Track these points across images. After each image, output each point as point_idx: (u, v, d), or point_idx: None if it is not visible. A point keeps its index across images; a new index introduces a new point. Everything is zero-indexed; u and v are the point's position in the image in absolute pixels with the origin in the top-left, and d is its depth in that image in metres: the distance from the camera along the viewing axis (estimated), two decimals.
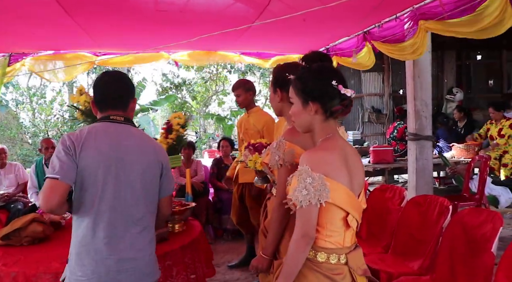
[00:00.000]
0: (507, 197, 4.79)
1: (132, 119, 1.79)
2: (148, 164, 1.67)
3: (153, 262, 1.70)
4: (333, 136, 1.46)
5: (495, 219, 2.18)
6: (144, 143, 1.71)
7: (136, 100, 1.82)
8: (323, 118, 1.46)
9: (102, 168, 1.58)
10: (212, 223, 4.80)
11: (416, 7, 3.21)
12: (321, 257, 1.41)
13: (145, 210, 1.65)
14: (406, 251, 2.75)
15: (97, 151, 1.59)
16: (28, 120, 11.18)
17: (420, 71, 4.00)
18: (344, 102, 1.44)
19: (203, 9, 3.13)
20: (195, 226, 2.74)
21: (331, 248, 1.41)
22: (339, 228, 1.41)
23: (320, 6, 2.67)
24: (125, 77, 1.79)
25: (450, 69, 8.49)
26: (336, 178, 1.37)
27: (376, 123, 8.15)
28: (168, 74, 12.63)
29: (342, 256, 1.42)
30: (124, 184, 1.61)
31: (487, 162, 4.49)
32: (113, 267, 1.56)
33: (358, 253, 1.49)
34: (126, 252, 1.59)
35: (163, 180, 1.73)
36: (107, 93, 1.72)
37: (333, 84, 1.42)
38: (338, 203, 1.37)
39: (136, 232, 1.62)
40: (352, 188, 1.42)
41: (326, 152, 1.42)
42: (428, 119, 4.07)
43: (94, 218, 1.57)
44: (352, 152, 1.49)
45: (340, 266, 1.41)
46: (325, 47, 4.87)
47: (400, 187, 3.26)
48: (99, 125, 1.68)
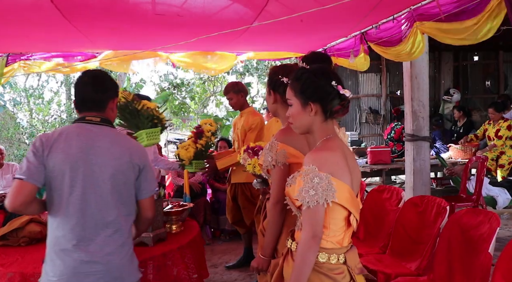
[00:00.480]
0: (504, 197, 4.81)
1: (111, 120, 1.76)
2: (120, 166, 1.63)
3: (126, 266, 1.66)
4: (332, 137, 1.47)
5: (492, 220, 2.19)
6: (118, 145, 1.66)
7: (116, 100, 1.78)
8: (323, 119, 1.47)
9: (69, 170, 1.58)
10: (209, 224, 4.79)
11: (413, 8, 3.22)
12: (322, 257, 1.41)
13: (116, 212, 1.62)
14: (403, 251, 2.76)
15: (65, 152, 1.59)
16: (26, 121, 11.15)
17: (418, 72, 4.02)
18: (343, 102, 1.46)
19: (200, 12, 3.13)
20: (193, 227, 2.74)
21: (331, 248, 1.42)
22: (340, 227, 1.43)
23: (317, 7, 2.68)
24: (103, 77, 1.75)
25: (447, 70, 8.51)
26: (341, 178, 1.38)
27: (374, 124, 8.16)
28: (166, 75, 12.62)
29: (341, 255, 1.44)
30: (93, 186, 1.59)
31: (484, 162, 4.51)
32: (81, 269, 1.56)
33: (354, 252, 1.50)
34: (95, 254, 1.57)
35: (141, 182, 1.70)
36: (83, 94, 1.71)
37: (333, 84, 1.43)
38: (343, 202, 1.38)
39: (106, 234, 1.60)
40: (352, 187, 1.43)
41: (331, 152, 1.42)
42: (425, 120, 4.09)
43: (63, 219, 1.59)
44: (349, 153, 1.51)
45: (340, 266, 1.43)
46: (322, 48, 4.89)
47: (398, 188, 3.26)
48: (73, 126, 1.68)
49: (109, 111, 1.74)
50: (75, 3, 2.82)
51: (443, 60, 8.43)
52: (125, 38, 3.94)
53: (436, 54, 8.28)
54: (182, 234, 2.56)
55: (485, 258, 2.09)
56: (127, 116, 2.70)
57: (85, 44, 4.02)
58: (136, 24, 3.38)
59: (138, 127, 2.71)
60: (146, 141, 2.70)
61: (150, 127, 2.71)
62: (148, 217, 1.77)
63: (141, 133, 2.70)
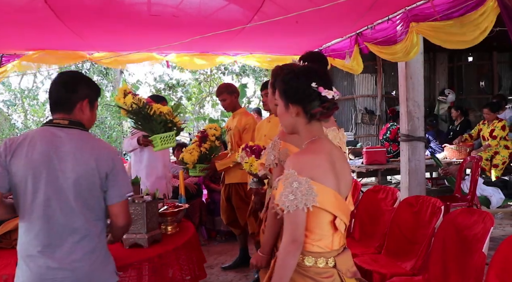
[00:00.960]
0: (498, 197, 4.84)
1: (83, 122, 1.68)
2: (84, 171, 1.56)
3: (98, 272, 1.61)
4: (318, 139, 1.44)
5: (486, 219, 2.20)
6: (84, 150, 1.59)
7: (86, 101, 1.68)
8: (306, 120, 1.44)
9: (32, 175, 1.54)
10: (205, 225, 4.79)
11: (408, 9, 3.24)
12: (309, 261, 1.40)
13: (83, 218, 1.57)
14: (399, 251, 2.77)
15: (27, 158, 1.54)
16: (20, 122, 11.09)
17: (413, 72, 4.04)
18: (324, 104, 1.41)
19: (196, 13, 3.13)
20: (189, 228, 2.73)
21: (318, 252, 1.40)
22: (327, 231, 1.40)
23: (313, 7, 2.69)
24: (72, 77, 1.70)
25: (442, 70, 8.56)
26: (323, 181, 1.35)
27: (369, 124, 8.18)
28: (162, 76, 12.61)
29: (330, 259, 1.41)
30: (56, 192, 1.55)
31: (479, 162, 4.53)
32: (47, 276, 1.53)
33: (346, 255, 1.48)
34: (61, 261, 1.54)
35: (108, 187, 1.62)
36: (51, 94, 1.67)
37: (312, 86, 1.39)
38: (325, 206, 1.36)
39: (73, 241, 1.56)
40: (340, 190, 1.41)
41: (312, 155, 1.40)
42: (420, 120, 4.11)
43: (28, 225, 1.57)
44: (339, 154, 1.48)
45: (328, 270, 1.40)
46: (318, 49, 4.89)
47: (393, 188, 3.27)
48: (39, 130, 1.63)
49: (78, 112, 1.66)
50: (69, 4, 2.81)
51: (438, 61, 8.48)
52: (120, 38, 3.94)
53: (431, 55, 8.32)
54: (177, 235, 2.55)
55: (479, 257, 2.10)
56: (141, 121, 2.68)
57: (79, 45, 4.01)
58: (131, 25, 3.37)
59: (153, 131, 2.69)
60: (160, 145, 2.68)
61: (165, 131, 2.69)
62: (118, 225, 1.66)
63: (155, 137, 2.69)
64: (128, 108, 2.64)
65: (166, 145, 2.69)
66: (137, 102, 2.62)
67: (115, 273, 1.70)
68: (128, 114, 2.69)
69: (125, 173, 1.71)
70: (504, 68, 8.79)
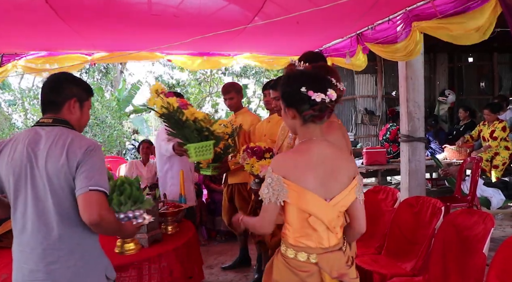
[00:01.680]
0: (498, 198, 4.84)
1: (70, 121, 1.66)
2: (55, 168, 1.52)
3: (78, 274, 1.55)
4: (308, 140, 1.52)
5: (486, 220, 2.20)
6: (56, 146, 1.54)
7: (74, 100, 1.66)
8: (301, 122, 1.53)
9: (12, 175, 1.56)
10: (205, 225, 4.79)
11: (408, 9, 3.24)
12: (290, 253, 1.51)
13: (58, 219, 1.52)
14: (399, 252, 2.77)
15: (10, 158, 1.57)
16: (21, 122, 11.09)
17: (413, 73, 4.03)
18: (315, 107, 1.47)
19: (196, 12, 3.13)
20: (189, 228, 2.73)
21: (300, 246, 1.50)
22: (307, 228, 1.49)
23: (313, 8, 2.69)
24: (59, 79, 1.69)
25: (442, 71, 8.55)
26: (296, 180, 1.45)
27: (369, 125, 8.18)
28: (162, 76, 12.61)
29: (313, 255, 1.48)
30: (34, 192, 1.54)
31: (479, 163, 4.53)
32: (28, 277, 1.54)
33: (335, 255, 1.51)
34: (38, 262, 1.52)
35: (76, 180, 1.52)
36: (41, 97, 1.69)
37: (301, 90, 1.46)
38: (297, 204, 1.46)
39: (48, 242, 1.52)
40: (318, 190, 1.46)
41: (293, 155, 1.52)
42: (420, 121, 4.10)
43: (13, 225, 1.59)
44: (332, 155, 1.51)
45: (308, 265, 1.48)
46: (318, 49, 4.90)
47: (393, 188, 3.27)
48: (25, 130, 1.64)
49: (67, 112, 1.65)
50: (69, 3, 2.81)
51: (438, 61, 8.48)
52: (121, 38, 3.94)
53: (431, 56, 8.32)
54: (177, 235, 2.55)
55: (479, 258, 2.10)
56: (174, 127, 2.44)
57: (81, 44, 4.01)
58: (132, 24, 3.38)
59: (187, 139, 2.42)
60: (194, 156, 2.42)
61: (201, 140, 2.42)
62: (86, 221, 1.48)
63: (189, 147, 2.43)
64: (160, 111, 2.42)
65: (202, 156, 2.42)
66: (168, 106, 2.35)
67: (105, 277, 1.63)
68: (161, 118, 2.47)
69: (97, 167, 1.55)
70: (504, 69, 8.79)
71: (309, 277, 1.47)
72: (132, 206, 1.82)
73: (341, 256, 1.52)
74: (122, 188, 1.88)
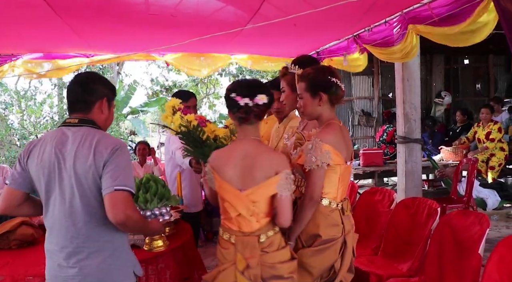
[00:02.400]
0: (494, 199, 4.87)
1: (98, 121, 1.68)
2: (83, 169, 1.54)
3: (107, 271, 1.58)
4: (240, 139, 1.79)
5: (482, 221, 2.21)
6: (84, 146, 1.56)
7: (105, 100, 1.69)
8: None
9: (43, 175, 1.59)
10: (203, 226, 4.78)
11: (405, 11, 3.26)
12: (220, 232, 1.84)
13: (87, 218, 1.56)
14: (395, 253, 2.78)
15: (39, 159, 1.59)
16: (17, 123, 11.05)
17: (409, 74, 4.06)
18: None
19: (194, 13, 3.13)
20: (186, 229, 2.73)
21: (225, 227, 1.80)
22: (226, 213, 1.78)
23: (311, 9, 2.70)
24: (89, 79, 1.71)
25: (439, 73, 8.60)
26: (218, 171, 1.74)
27: (366, 126, 8.21)
28: (158, 78, 12.59)
29: (233, 237, 1.75)
30: (63, 191, 1.57)
31: (475, 164, 4.56)
32: (59, 273, 1.58)
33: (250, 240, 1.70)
34: (68, 260, 1.56)
35: (103, 178, 1.54)
36: (69, 97, 1.69)
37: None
38: (219, 192, 1.77)
39: (78, 241, 1.56)
40: (234, 181, 1.70)
41: (223, 150, 1.83)
42: (417, 123, 4.12)
43: (46, 222, 1.63)
44: (255, 153, 1.71)
45: (228, 244, 1.77)
46: (315, 51, 4.91)
47: (390, 190, 3.29)
48: (54, 131, 1.67)
49: (97, 112, 1.68)
50: (68, 2, 2.80)
51: (435, 63, 8.52)
52: (118, 37, 3.92)
53: (427, 57, 8.37)
54: (175, 236, 2.56)
55: (475, 259, 2.11)
56: (192, 145, 2.28)
57: (78, 43, 3.99)
58: (129, 23, 3.36)
59: (206, 156, 2.15)
60: None
61: None
62: (112, 220, 1.49)
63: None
64: (177, 129, 2.29)
65: None
66: (187, 124, 2.23)
67: (132, 274, 1.68)
68: (177, 135, 2.33)
69: (122, 166, 1.56)
70: (500, 71, 8.85)
71: (228, 255, 1.72)
72: (158, 203, 1.82)
73: (255, 241, 1.68)
74: (147, 185, 1.91)
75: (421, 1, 3.05)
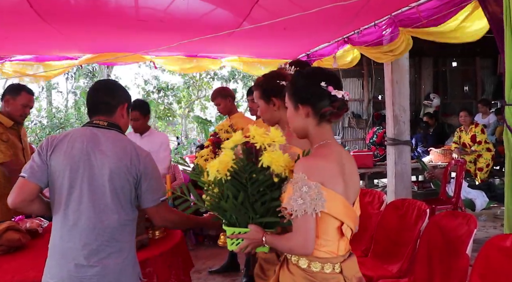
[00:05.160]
0: (482, 200, 4.93)
1: (121, 125, 1.77)
2: (118, 169, 1.61)
3: (124, 272, 1.63)
4: (328, 143, 1.42)
5: (470, 222, 2.24)
6: (120, 148, 1.65)
7: (126, 105, 1.80)
8: (316, 122, 1.43)
9: (69, 171, 1.59)
10: (193, 229, 4.76)
11: (394, 14, 3.29)
12: (315, 266, 1.38)
13: (116, 217, 1.61)
14: (385, 254, 2.79)
15: (67, 153, 1.60)
16: None
17: (399, 77, 4.09)
18: (334, 104, 1.39)
19: (183, 18, 3.13)
20: (176, 232, 2.71)
21: (325, 257, 1.38)
22: (333, 237, 1.38)
23: (301, 12, 2.71)
24: (112, 84, 1.83)
25: (427, 75, 8.70)
26: (332, 187, 1.33)
27: (356, 128, 8.27)
28: (150, 80, 12.55)
29: (337, 265, 1.40)
30: (91, 189, 1.59)
31: (463, 166, 4.61)
32: (75, 273, 1.56)
33: (352, 261, 1.47)
34: (90, 258, 1.56)
35: (142, 190, 1.67)
36: (93, 100, 1.76)
37: (321, 85, 1.38)
38: (333, 213, 1.34)
39: (103, 239, 1.59)
40: (348, 196, 1.39)
41: (323, 160, 1.37)
42: (406, 125, 4.16)
43: (62, 221, 1.60)
44: (348, 158, 1.45)
45: (335, 275, 1.39)
46: (305, 53, 4.94)
47: (379, 191, 3.30)
48: (80, 129, 1.71)
49: (119, 116, 1.76)
50: (55, 8, 2.78)
51: (423, 65, 8.62)
52: (107, 41, 3.91)
53: (416, 60, 8.46)
54: (165, 240, 2.54)
55: (463, 259, 2.13)
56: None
57: (67, 47, 3.97)
58: (119, 28, 3.36)
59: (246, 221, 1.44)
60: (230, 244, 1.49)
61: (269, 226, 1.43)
62: (157, 224, 1.85)
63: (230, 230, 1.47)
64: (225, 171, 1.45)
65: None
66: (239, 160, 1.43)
67: (139, 277, 1.72)
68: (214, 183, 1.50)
69: (158, 177, 1.74)
70: (486, 74, 8.98)
71: None
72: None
73: (355, 260, 1.48)
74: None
75: (410, 5, 3.09)
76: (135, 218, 1.72)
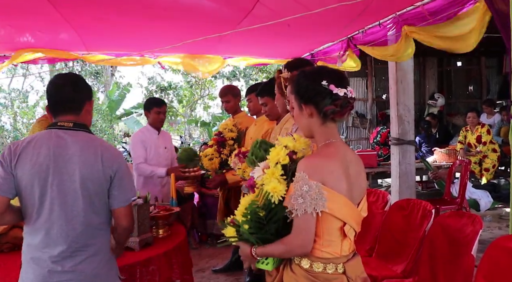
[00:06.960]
0: (486, 200, 4.91)
1: (86, 123, 1.68)
2: (91, 174, 1.55)
3: (101, 275, 1.60)
4: (332, 142, 1.41)
5: (475, 222, 2.22)
6: (89, 151, 1.57)
7: (92, 102, 1.71)
8: (320, 121, 1.42)
9: (38, 179, 1.52)
10: (197, 228, 4.77)
11: (398, 13, 3.28)
12: (317, 267, 1.37)
13: (88, 222, 1.56)
14: (389, 254, 2.78)
15: (33, 162, 1.52)
16: (9, 124, 10.97)
17: (403, 76, 4.07)
18: (336, 102, 1.38)
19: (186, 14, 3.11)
20: (180, 231, 2.72)
21: (327, 257, 1.38)
22: (335, 237, 1.38)
23: (304, 12, 2.70)
24: (76, 79, 1.69)
25: (432, 75, 8.66)
26: (334, 187, 1.32)
27: (360, 127, 8.24)
28: (155, 77, 12.59)
29: (340, 265, 1.39)
30: (62, 196, 1.53)
31: (468, 166, 4.59)
32: (50, 279, 1.53)
33: (356, 261, 1.45)
34: (64, 264, 1.53)
35: (114, 190, 1.60)
36: (56, 97, 1.64)
37: (323, 84, 1.38)
38: (335, 213, 1.33)
39: (77, 246, 1.55)
40: (352, 196, 1.38)
41: (325, 159, 1.36)
42: (410, 124, 4.14)
43: (34, 229, 1.56)
44: (354, 159, 1.44)
45: (338, 276, 1.38)
46: (309, 52, 4.93)
47: (384, 191, 3.29)
48: (43, 133, 1.60)
49: (85, 113, 1.67)
50: None
51: (428, 65, 8.58)
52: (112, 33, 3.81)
53: (420, 60, 8.42)
54: (168, 239, 2.55)
55: (468, 260, 2.12)
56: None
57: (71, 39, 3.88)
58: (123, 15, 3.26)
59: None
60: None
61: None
62: (123, 226, 1.65)
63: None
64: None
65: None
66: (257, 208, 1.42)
67: (118, 277, 1.71)
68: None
69: (130, 176, 1.70)
70: (492, 73, 8.93)
71: None
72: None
73: (359, 261, 1.47)
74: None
75: (415, 4, 3.08)
76: (110, 220, 1.67)
